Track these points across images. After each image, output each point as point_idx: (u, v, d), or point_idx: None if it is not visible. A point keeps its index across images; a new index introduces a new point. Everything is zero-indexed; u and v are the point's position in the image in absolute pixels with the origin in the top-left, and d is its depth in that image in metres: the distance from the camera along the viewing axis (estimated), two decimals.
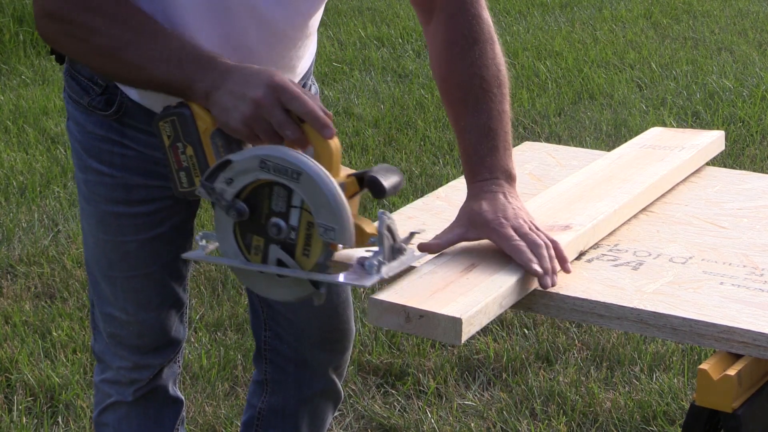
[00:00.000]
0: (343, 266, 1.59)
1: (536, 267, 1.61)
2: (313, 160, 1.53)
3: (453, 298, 1.53)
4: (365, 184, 1.58)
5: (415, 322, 1.52)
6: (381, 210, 1.56)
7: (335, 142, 1.58)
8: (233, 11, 1.76)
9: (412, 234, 1.65)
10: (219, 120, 1.62)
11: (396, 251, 1.58)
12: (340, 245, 1.53)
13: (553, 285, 1.62)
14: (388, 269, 1.56)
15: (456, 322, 1.48)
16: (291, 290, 1.62)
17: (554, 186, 2.00)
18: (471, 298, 1.53)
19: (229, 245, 1.61)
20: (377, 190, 1.57)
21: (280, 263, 1.59)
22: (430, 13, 1.83)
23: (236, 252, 1.61)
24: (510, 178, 1.75)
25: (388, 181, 1.58)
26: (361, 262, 1.56)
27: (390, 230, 1.57)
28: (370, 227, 1.58)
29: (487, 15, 1.82)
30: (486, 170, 1.74)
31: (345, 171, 1.61)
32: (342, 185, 1.54)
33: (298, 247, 1.57)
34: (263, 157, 1.54)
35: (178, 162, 1.65)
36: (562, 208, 1.87)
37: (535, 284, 1.63)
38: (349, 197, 1.56)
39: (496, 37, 1.82)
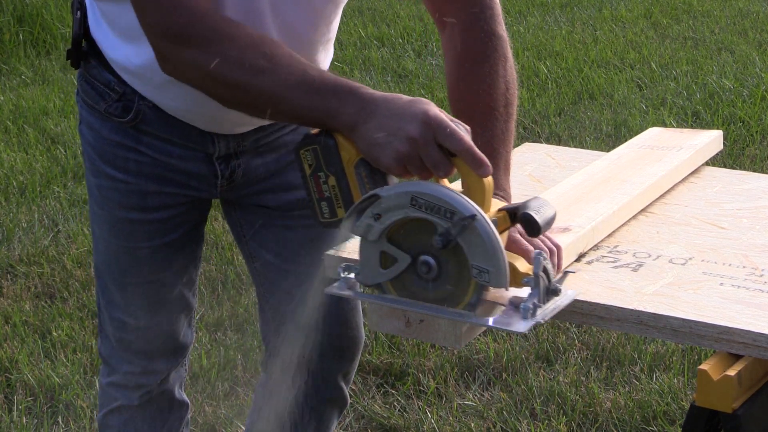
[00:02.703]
0: (492, 305, 1.52)
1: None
2: (466, 198, 1.46)
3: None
4: (518, 220, 1.51)
5: (415, 326, 1.52)
6: (537, 251, 1.49)
7: (489, 180, 1.50)
8: (260, 16, 1.74)
9: (566, 273, 1.59)
10: (368, 154, 1.52)
11: (550, 292, 1.51)
12: (494, 288, 1.47)
13: None
14: (543, 313, 1.49)
15: (456, 326, 1.48)
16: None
17: (553, 187, 2.00)
18: None
19: (374, 279, 1.53)
20: (532, 228, 1.50)
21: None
22: (444, 23, 1.81)
23: (384, 284, 1.53)
24: (508, 197, 1.75)
25: (542, 216, 1.50)
26: (515, 303, 1.49)
27: (545, 271, 1.49)
28: (524, 266, 1.52)
29: (501, 31, 1.79)
30: None
31: (496, 204, 1.54)
32: (494, 221, 1.47)
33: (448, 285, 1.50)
34: (415, 194, 1.46)
35: (319, 191, 1.57)
36: (561, 210, 1.86)
37: None
38: (500, 232, 1.49)
39: (509, 54, 1.79)
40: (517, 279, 1.50)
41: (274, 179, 2.00)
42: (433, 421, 2.90)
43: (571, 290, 1.57)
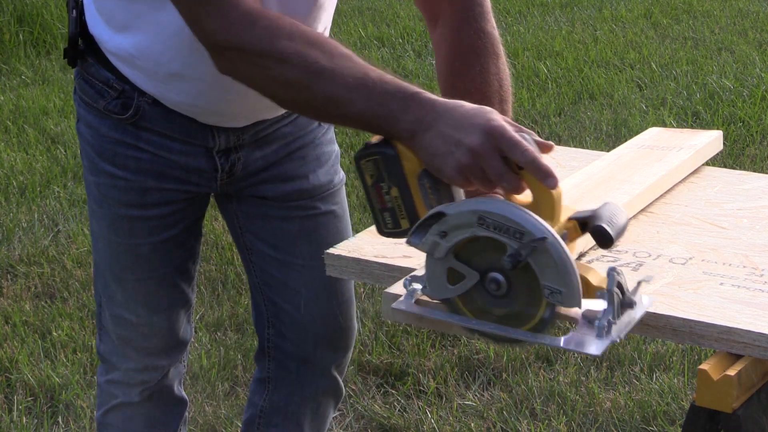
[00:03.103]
0: (566, 319, 1.47)
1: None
2: (535, 216, 1.41)
3: None
4: (589, 231, 1.46)
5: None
6: (611, 266, 1.44)
7: (558, 191, 1.45)
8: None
9: (639, 283, 1.52)
10: (430, 165, 1.48)
11: (625, 305, 1.45)
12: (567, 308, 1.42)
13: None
14: (618, 330, 1.43)
15: None
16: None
17: None
18: None
19: (442, 294, 1.50)
20: (605, 241, 1.45)
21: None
22: (435, 21, 1.81)
23: (450, 304, 1.50)
24: None
25: (615, 227, 1.45)
26: (589, 318, 1.43)
27: (620, 286, 1.43)
28: (597, 279, 1.45)
29: (492, 29, 1.77)
30: None
31: (566, 213, 1.49)
32: (564, 235, 1.43)
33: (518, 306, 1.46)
34: (482, 214, 1.42)
35: (381, 202, 1.53)
36: None
37: None
38: (570, 242, 1.46)
39: (500, 51, 1.77)
40: (591, 293, 1.44)
41: (272, 170, 2.00)
42: (433, 421, 2.90)
43: (645, 297, 1.51)
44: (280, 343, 2.15)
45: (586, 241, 1.79)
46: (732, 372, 1.49)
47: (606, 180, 2.02)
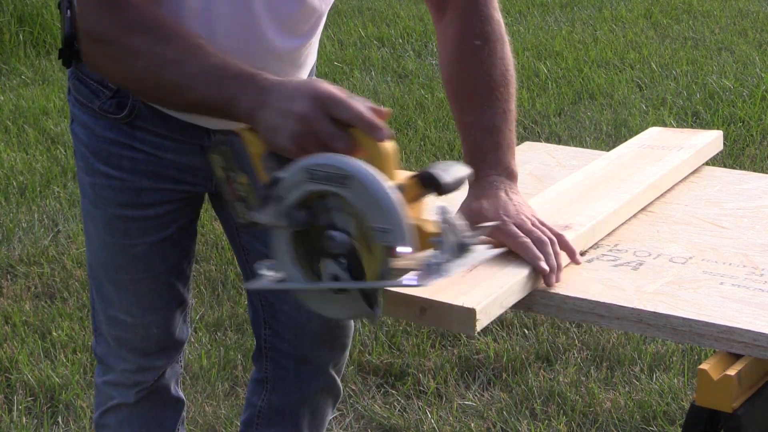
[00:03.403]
0: (407, 273, 1.49)
1: (543, 264, 1.61)
2: (360, 162, 1.44)
3: (466, 290, 1.54)
4: (422, 181, 1.48)
5: (429, 313, 1.52)
6: (440, 205, 1.46)
7: (388, 144, 1.48)
8: (256, 14, 1.76)
9: (478, 228, 1.56)
10: (267, 140, 1.53)
11: (461, 247, 1.47)
12: (399, 248, 1.43)
13: (557, 281, 1.63)
14: (452, 266, 1.46)
15: (470, 313, 1.48)
16: (345, 308, 1.53)
17: (553, 186, 2.00)
18: (484, 290, 1.54)
19: (288, 267, 1.53)
20: (434, 184, 1.47)
21: (337, 279, 1.49)
22: (443, 10, 1.85)
23: (295, 273, 1.53)
24: (512, 175, 1.76)
25: (449, 173, 1.48)
26: (427, 263, 1.45)
27: (451, 224, 1.46)
28: (432, 226, 1.47)
29: (498, 15, 1.83)
30: (488, 166, 1.74)
31: (406, 174, 1.51)
32: (401, 187, 1.45)
33: (359, 259, 1.48)
34: (310, 167, 1.45)
35: (234, 192, 1.57)
36: (561, 209, 1.87)
37: (541, 280, 1.63)
38: (412, 200, 1.47)
39: (506, 37, 1.83)
40: (426, 240, 1.46)
41: None
42: (433, 421, 2.90)
43: (485, 246, 1.56)
44: (276, 343, 2.15)
45: (586, 240, 1.79)
46: (732, 372, 1.49)
47: (606, 179, 2.02)
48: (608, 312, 1.59)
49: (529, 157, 2.29)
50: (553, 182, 2.08)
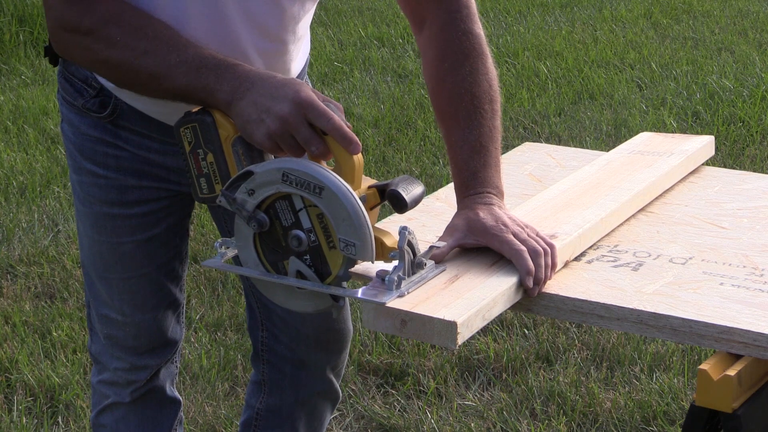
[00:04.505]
0: (362, 279, 1.59)
1: (529, 281, 1.62)
2: (335, 174, 1.53)
3: (447, 302, 1.53)
4: (386, 197, 1.59)
5: (410, 325, 1.52)
6: (402, 225, 1.56)
7: (358, 157, 1.57)
8: (229, 18, 1.76)
9: (431, 248, 1.65)
10: (242, 131, 1.60)
11: (416, 266, 1.59)
12: (361, 261, 1.54)
13: (537, 294, 1.64)
14: (407, 284, 1.56)
15: (451, 326, 1.48)
16: (310, 302, 1.62)
17: (540, 193, 1.99)
18: (466, 302, 1.54)
19: (249, 255, 1.61)
20: (399, 204, 1.58)
21: (300, 275, 1.58)
22: (421, 25, 1.85)
23: (256, 262, 1.61)
24: (501, 194, 1.76)
25: (410, 194, 1.58)
26: (381, 276, 1.56)
27: (411, 245, 1.57)
28: (391, 241, 1.57)
29: (478, 29, 1.82)
30: (479, 184, 1.75)
31: (366, 182, 1.60)
32: (363, 198, 1.55)
33: (321, 259, 1.57)
34: (286, 171, 1.54)
35: (198, 168, 1.64)
36: (548, 217, 1.86)
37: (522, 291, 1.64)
38: (369, 209, 1.56)
39: (488, 51, 1.81)
40: (385, 253, 1.57)
41: None
42: (433, 421, 2.90)
43: (436, 264, 1.63)
44: (273, 346, 2.15)
45: (572, 249, 1.79)
46: (732, 372, 1.49)
47: (595, 186, 2.01)
48: (608, 313, 1.59)
49: (529, 158, 2.29)
50: (553, 183, 2.08)
